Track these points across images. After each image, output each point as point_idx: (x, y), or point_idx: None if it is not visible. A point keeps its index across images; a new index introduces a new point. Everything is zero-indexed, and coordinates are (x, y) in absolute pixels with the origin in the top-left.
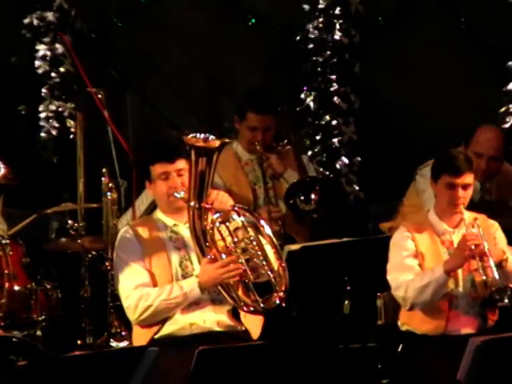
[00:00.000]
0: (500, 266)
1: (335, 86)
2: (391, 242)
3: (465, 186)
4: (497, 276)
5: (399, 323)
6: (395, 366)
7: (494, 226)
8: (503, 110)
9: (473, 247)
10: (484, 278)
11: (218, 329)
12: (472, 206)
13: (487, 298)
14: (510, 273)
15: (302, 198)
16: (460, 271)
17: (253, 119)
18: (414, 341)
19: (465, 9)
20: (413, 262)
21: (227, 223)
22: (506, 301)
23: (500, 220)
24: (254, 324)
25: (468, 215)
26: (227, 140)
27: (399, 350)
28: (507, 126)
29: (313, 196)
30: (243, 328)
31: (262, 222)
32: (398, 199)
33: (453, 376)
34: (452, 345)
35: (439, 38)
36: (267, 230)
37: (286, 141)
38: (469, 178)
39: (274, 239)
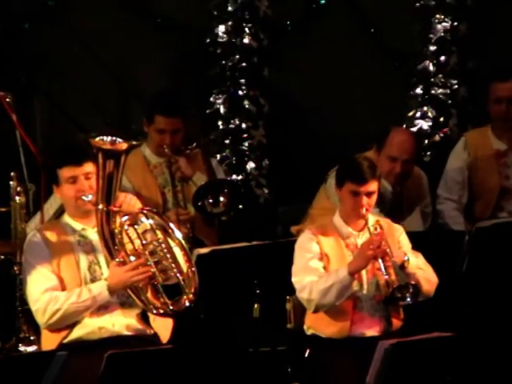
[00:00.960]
0: (402, 267)
1: (244, 90)
2: (296, 244)
3: (369, 194)
4: (397, 275)
5: (305, 327)
6: (304, 369)
7: (399, 231)
8: (411, 113)
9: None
10: (386, 277)
11: (127, 333)
12: (382, 210)
13: (389, 297)
14: (411, 274)
15: (211, 200)
16: (364, 274)
17: (161, 122)
18: (320, 344)
19: (373, 13)
20: (317, 264)
21: (135, 226)
22: (408, 299)
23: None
24: (163, 328)
25: (372, 219)
26: (135, 142)
27: (307, 354)
28: (415, 129)
29: (221, 199)
30: (152, 332)
31: (171, 225)
32: (307, 202)
33: (360, 379)
34: (358, 348)
35: (347, 41)
36: (176, 232)
37: (194, 144)
38: (373, 186)
39: (183, 242)
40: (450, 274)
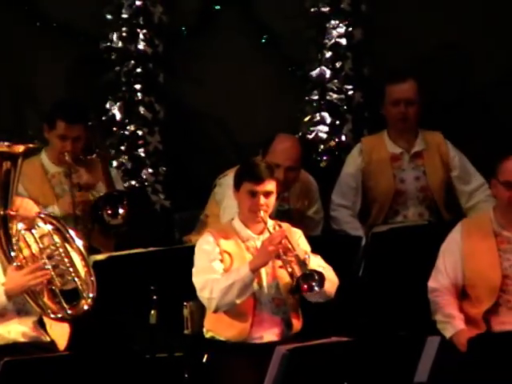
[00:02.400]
0: (304, 263)
1: (140, 96)
2: (196, 247)
3: (266, 194)
4: (301, 266)
5: (204, 330)
6: (202, 375)
7: (298, 233)
8: (307, 119)
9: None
10: (289, 270)
11: (23, 340)
12: (270, 215)
13: (294, 288)
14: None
15: (109, 211)
16: (264, 276)
17: (63, 128)
18: (219, 349)
19: (268, 19)
20: (218, 266)
21: (33, 230)
22: (316, 288)
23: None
24: (60, 335)
25: (271, 222)
26: (31, 145)
27: (205, 359)
28: (311, 136)
29: (120, 211)
30: (49, 339)
31: (69, 230)
32: (203, 208)
33: None
34: (256, 353)
35: (243, 47)
36: (73, 237)
37: (94, 154)
38: (270, 186)
39: (81, 247)
40: (346, 279)
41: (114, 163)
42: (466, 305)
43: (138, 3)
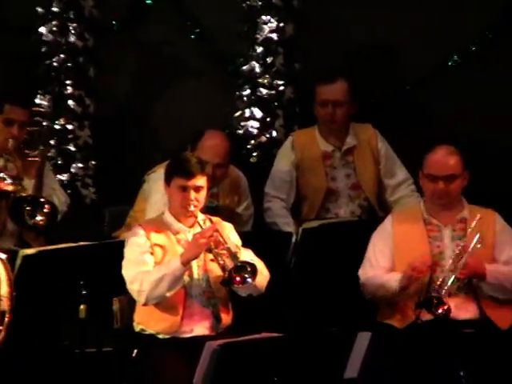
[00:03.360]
0: (236, 256)
1: (70, 90)
2: (126, 240)
3: (197, 189)
4: (233, 258)
5: (134, 323)
6: (131, 369)
7: (228, 227)
8: (238, 114)
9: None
10: (221, 262)
11: None
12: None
13: (227, 279)
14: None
15: (29, 213)
16: (196, 269)
17: (10, 111)
18: (149, 343)
19: (199, 13)
20: (149, 258)
21: None
22: (249, 279)
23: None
24: None
25: (202, 217)
26: None
27: (134, 353)
28: (242, 131)
29: (39, 217)
30: None
31: None
32: (133, 203)
33: (188, 379)
34: (187, 347)
35: (174, 42)
36: None
37: (37, 151)
38: (201, 181)
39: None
40: (277, 274)
41: None
42: None
43: None
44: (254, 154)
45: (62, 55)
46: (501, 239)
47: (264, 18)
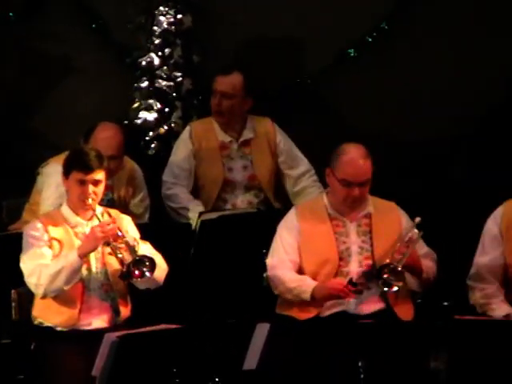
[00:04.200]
0: (134, 250)
1: None
2: (24, 233)
3: (95, 182)
4: (131, 252)
5: (32, 316)
6: (29, 362)
7: (127, 220)
8: (135, 106)
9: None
10: (120, 256)
11: None
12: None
13: (125, 273)
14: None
15: None
16: (94, 262)
17: None
18: (47, 336)
19: (97, 6)
20: (47, 252)
21: None
22: (147, 273)
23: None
24: None
25: (100, 210)
26: None
27: (32, 346)
28: (139, 121)
29: None
30: None
31: None
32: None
33: (87, 371)
34: (85, 339)
35: (72, 33)
36: None
37: None
38: (99, 175)
39: None
40: (175, 266)
41: None
42: None
43: None
44: (152, 145)
45: None
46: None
47: (162, 9)
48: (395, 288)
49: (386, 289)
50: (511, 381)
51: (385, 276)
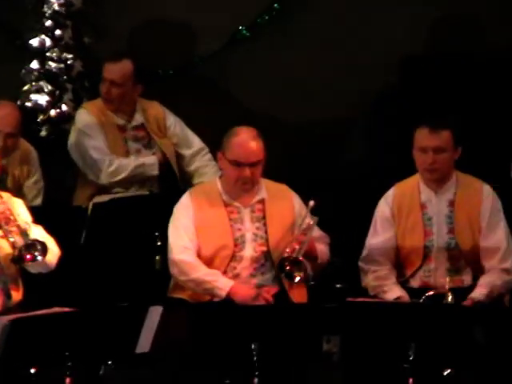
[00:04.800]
0: (25, 233)
1: None
2: None
3: None
4: (23, 236)
5: None
6: None
7: (18, 203)
8: (26, 88)
9: None
10: (11, 239)
11: None
12: None
13: (16, 258)
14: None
15: None
16: None
17: None
18: None
19: None
20: None
21: None
22: (39, 257)
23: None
24: None
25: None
26: None
27: None
28: (30, 104)
29: None
30: None
31: None
32: None
33: None
34: None
35: None
36: None
37: None
38: None
39: None
40: (68, 249)
41: None
42: None
43: None
44: (44, 127)
45: None
46: (300, 214)
47: None
48: (297, 278)
49: (289, 280)
50: (403, 362)
51: (287, 269)
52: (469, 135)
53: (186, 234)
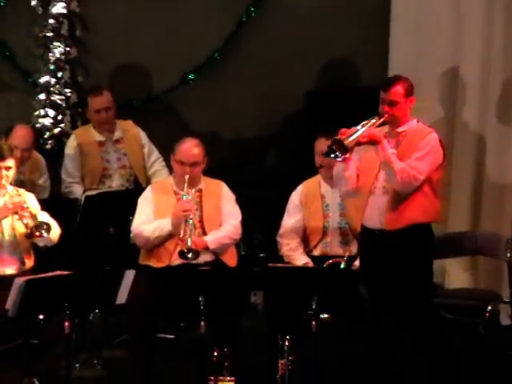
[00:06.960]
0: (35, 217)
1: None
2: None
3: (7, 168)
4: (33, 218)
5: None
6: None
7: (30, 196)
8: (36, 113)
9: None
10: (25, 221)
11: None
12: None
13: (29, 234)
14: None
15: None
16: (6, 227)
17: None
18: None
19: (7, 39)
20: None
21: None
22: (45, 234)
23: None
24: None
25: (11, 188)
26: None
27: None
28: (39, 125)
29: None
30: None
31: None
32: None
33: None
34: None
35: None
36: None
37: None
38: (10, 162)
39: None
40: (67, 231)
41: None
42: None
43: None
44: (49, 142)
45: None
46: (226, 204)
47: (55, 43)
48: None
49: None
50: (308, 309)
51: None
52: None
53: (146, 215)
